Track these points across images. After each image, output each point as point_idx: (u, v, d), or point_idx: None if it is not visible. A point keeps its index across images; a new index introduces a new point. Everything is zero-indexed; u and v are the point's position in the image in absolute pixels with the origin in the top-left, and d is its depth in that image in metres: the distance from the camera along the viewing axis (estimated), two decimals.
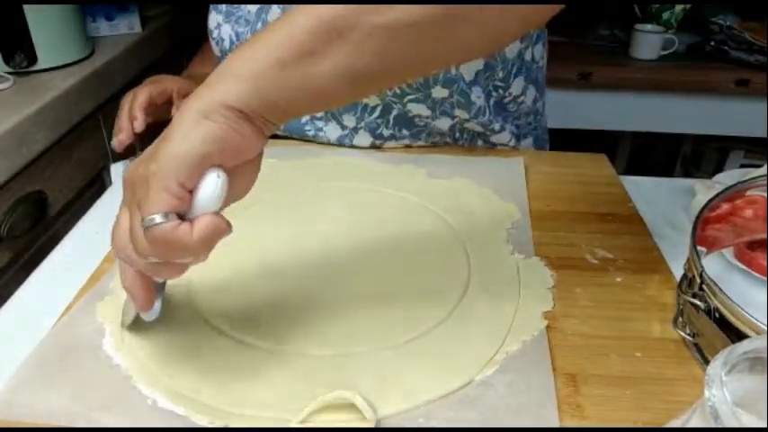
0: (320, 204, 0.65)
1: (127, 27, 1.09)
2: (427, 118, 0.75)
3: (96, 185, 0.95)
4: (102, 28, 1.07)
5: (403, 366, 0.44)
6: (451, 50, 0.40)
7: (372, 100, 0.75)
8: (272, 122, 0.38)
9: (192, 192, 0.36)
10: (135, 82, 1.05)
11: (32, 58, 0.88)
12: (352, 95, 0.41)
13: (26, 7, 0.86)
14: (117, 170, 0.80)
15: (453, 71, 0.70)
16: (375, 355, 0.45)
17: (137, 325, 0.47)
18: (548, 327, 0.48)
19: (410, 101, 0.73)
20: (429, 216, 0.62)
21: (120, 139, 0.77)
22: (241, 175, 0.39)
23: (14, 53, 0.86)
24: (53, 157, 0.83)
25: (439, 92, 0.72)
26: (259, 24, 0.74)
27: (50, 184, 0.83)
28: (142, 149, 0.63)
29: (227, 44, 0.77)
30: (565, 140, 1.50)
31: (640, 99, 1.41)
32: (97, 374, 0.43)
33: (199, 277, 0.53)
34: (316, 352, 0.45)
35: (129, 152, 0.76)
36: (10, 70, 0.87)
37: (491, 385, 0.42)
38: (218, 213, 0.37)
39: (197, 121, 0.35)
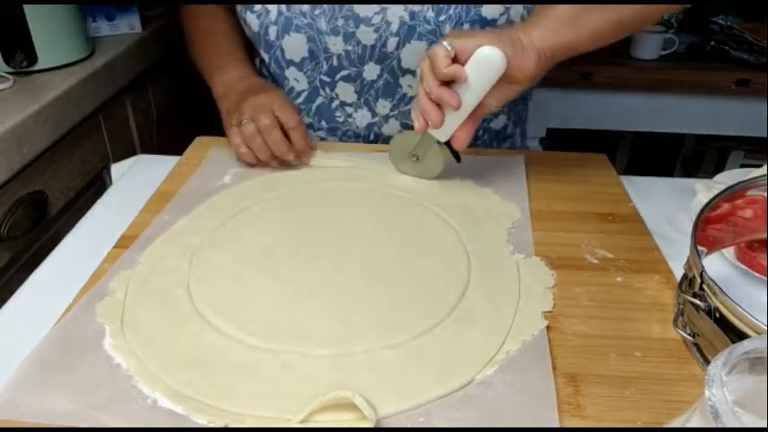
0: (320, 204, 0.65)
1: (127, 27, 1.09)
2: None
3: (96, 185, 0.94)
4: (103, 28, 1.07)
5: (403, 366, 0.44)
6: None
7: (414, 90, 0.76)
8: (552, 59, 0.59)
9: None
10: (135, 82, 1.05)
11: (32, 58, 0.88)
12: (615, 37, 0.63)
13: (26, 7, 0.85)
14: (117, 170, 0.80)
15: None
16: (375, 355, 0.45)
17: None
18: (548, 327, 0.48)
19: None
20: (429, 216, 0.62)
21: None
22: (501, 88, 0.59)
23: (14, 53, 0.86)
24: (53, 157, 0.83)
25: None
26: None
27: (50, 184, 0.83)
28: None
29: (273, 15, 0.73)
30: (565, 140, 1.50)
31: (640, 99, 1.41)
32: (97, 374, 0.43)
33: (199, 277, 0.53)
34: (316, 352, 0.45)
35: (129, 152, 0.76)
36: (10, 70, 0.86)
37: (491, 385, 0.42)
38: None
39: (516, 39, 0.57)
